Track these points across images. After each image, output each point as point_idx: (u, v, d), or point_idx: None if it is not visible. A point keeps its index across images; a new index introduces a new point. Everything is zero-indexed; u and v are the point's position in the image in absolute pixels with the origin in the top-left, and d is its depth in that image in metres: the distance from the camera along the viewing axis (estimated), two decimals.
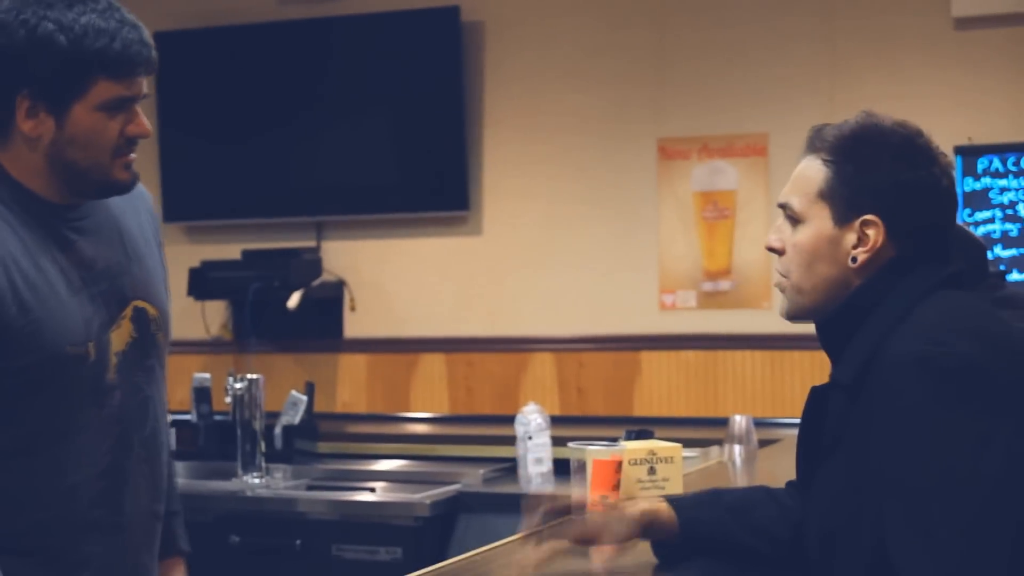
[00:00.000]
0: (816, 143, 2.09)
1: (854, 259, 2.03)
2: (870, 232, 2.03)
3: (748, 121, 5.41)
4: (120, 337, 2.26)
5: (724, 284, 5.41)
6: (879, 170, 2.03)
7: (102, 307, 2.24)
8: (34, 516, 2.18)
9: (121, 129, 2.22)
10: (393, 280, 5.89)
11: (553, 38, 5.66)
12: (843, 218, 2.04)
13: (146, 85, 2.25)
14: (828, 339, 2.09)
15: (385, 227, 5.89)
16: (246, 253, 5.92)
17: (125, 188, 2.28)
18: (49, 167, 2.20)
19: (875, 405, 1.93)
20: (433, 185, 5.77)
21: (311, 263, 5.87)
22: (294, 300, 5.69)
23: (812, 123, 5.72)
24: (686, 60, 5.50)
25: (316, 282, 5.84)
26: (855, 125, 2.07)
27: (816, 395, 2.11)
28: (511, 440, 4.65)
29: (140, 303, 2.32)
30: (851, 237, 2.04)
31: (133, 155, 2.26)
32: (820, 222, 2.06)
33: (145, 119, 2.25)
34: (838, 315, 2.05)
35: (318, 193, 5.90)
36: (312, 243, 5.96)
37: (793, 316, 2.12)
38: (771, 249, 2.11)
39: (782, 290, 2.13)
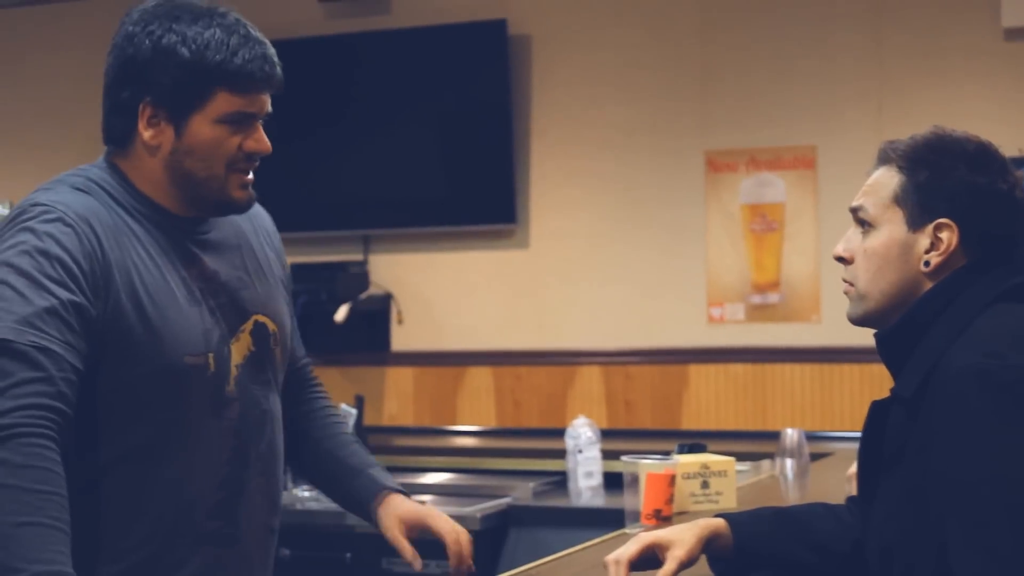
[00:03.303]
0: (889, 154, 2.09)
1: (926, 263, 2.03)
2: (944, 236, 2.03)
3: (796, 133, 5.39)
4: (239, 350, 2.27)
5: (773, 297, 5.39)
6: (954, 175, 2.03)
7: (221, 319, 2.25)
8: (151, 526, 2.18)
9: (240, 144, 2.24)
10: (440, 293, 5.89)
11: (600, 51, 5.66)
12: (917, 222, 2.04)
13: (269, 103, 2.28)
14: (889, 352, 2.08)
15: (432, 240, 5.90)
16: (293, 266, 5.89)
17: (241, 208, 2.30)
18: (168, 177, 2.23)
19: (934, 419, 1.94)
20: (480, 198, 5.78)
21: (358, 276, 5.89)
22: (341, 313, 5.70)
23: (861, 135, 5.63)
24: (733, 72, 5.48)
25: (363, 295, 5.86)
26: (928, 135, 2.09)
27: (877, 409, 2.10)
28: (559, 453, 4.65)
29: (261, 317, 2.32)
30: (924, 242, 2.04)
31: (250, 175, 2.27)
32: (893, 227, 2.06)
33: (265, 137, 2.27)
34: (899, 328, 2.05)
35: (365, 206, 5.92)
36: (359, 256, 5.97)
37: (856, 320, 2.13)
38: (839, 259, 2.12)
39: (848, 296, 2.13)
